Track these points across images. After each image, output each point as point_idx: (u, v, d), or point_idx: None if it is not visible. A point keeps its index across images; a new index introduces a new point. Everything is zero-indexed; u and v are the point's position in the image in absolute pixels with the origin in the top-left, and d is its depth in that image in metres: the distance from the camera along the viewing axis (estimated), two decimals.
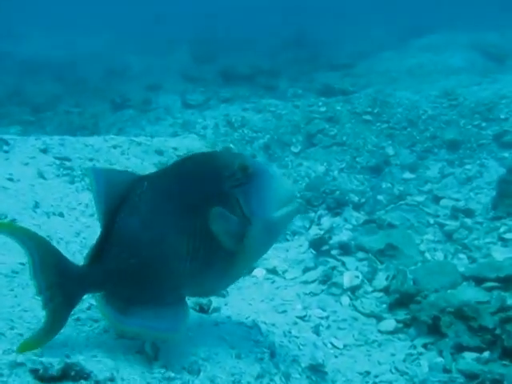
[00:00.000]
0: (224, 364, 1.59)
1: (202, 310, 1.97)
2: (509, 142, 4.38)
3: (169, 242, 1.55)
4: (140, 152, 3.78)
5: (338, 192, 3.85)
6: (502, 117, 4.67)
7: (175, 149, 4.11)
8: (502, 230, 3.16)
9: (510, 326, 2.16)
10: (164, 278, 1.57)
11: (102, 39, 11.65)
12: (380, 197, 3.84)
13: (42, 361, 1.33)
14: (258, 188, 1.60)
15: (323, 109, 5.05)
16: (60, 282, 1.50)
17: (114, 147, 3.52)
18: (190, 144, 3.84)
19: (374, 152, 4.59)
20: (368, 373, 2.16)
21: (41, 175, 2.65)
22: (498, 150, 4.36)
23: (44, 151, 2.90)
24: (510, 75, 5.72)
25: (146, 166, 3.88)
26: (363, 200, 3.77)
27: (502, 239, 3.07)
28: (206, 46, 9.70)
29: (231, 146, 4.45)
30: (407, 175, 4.32)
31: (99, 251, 1.55)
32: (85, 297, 1.69)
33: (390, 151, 4.59)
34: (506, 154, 4.27)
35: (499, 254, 2.92)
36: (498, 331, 2.21)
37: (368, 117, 4.93)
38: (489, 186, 3.87)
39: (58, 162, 2.84)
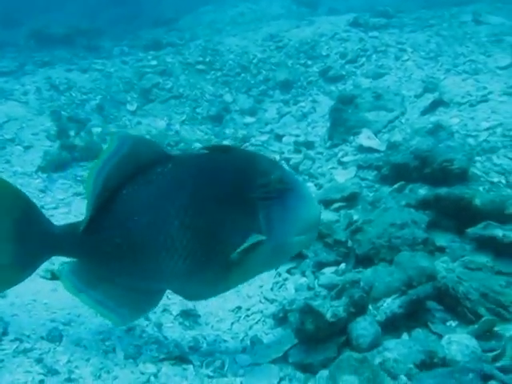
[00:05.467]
0: (89, 324, 1.47)
1: (55, 277, 1.78)
2: (333, 77, 4.64)
3: (167, 233, 1.39)
4: None
5: (182, 144, 3.77)
6: (324, 53, 4.93)
7: None
8: (339, 155, 3.38)
9: (359, 235, 2.32)
10: (148, 268, 1.42)
11: None
12: (225, 142, 3.85)
13: None
14: (285, 208, 1.45)
15: (154, 62, 4.85)
16: (16, 236, 1.35)
17: None
18: (10, 111, 3.43)
19: (213, 101, 4.56)
20: (239, 308, 2.18)
21: None
22: (325, 85, 4.60)
23: None
24: (323, 17, 6.05)
25: None
26: None
27: (341, 163, 3.29)
28: (6, 9, 8.66)
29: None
30: (248, 119, 4.39)
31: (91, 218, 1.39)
32: None
33: (228, 98, 4.60)
34: (333, 88, 4.53)
35: (341, 176, 3.12)
36: (349, 244, 2.38)
37: (201, 66, 4.86)
38: (323, 119, 4.09)
39: None
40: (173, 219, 1.40)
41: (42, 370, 1.29)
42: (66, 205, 2.97)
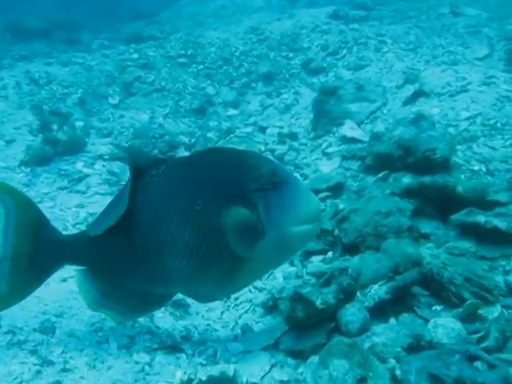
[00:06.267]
0: (81, 316, 1.48)
1: None
2: (315, 69, 4.67)
3: (167, 231, 1.41)
4: None
5: (167, 136, 3.76)
6: (305, 46, 4.96)
7: None
8: (323, 146, 3.41)
9: (345, 224, 2.35)
10: (155, 269, 1.43)
11: None
12: (210, 134, 3.85)
13: None
14: (282, 198, 1.46)
15: (135, 56, 4.82)
16: (33, 248, 1.38)
17: None
18: None
19: (196, 94, 4.55)
20: (228, 297, 2.19)
21: None
22: (307, 77, 4.63)
23: None
24: (303, 9, 6.07)
25: None
26: (194, 140, 3.75)
27: (325, 154, 3.32)
28: None
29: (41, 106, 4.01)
30: (231, 112, 4.39)
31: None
32: None
33: (211, 91, 4.59)
34: (315, 80, 4.56)
35: (325, 167, 3.15)
36: (336, 232, 2.41)
37: (183, 59, 4.85)
38: (306, 111, 4.12)
39: None
40: (171, 217, 1.42)
41: (38, 360, 1.30)
42: (50, 199, 2.95)
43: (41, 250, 1.40)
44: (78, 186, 3.10)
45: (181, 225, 1.42)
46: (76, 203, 2.90)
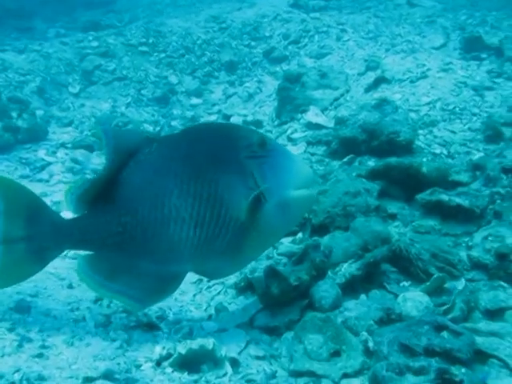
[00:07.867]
0: (57, 296, 1.46)
1: None
2: (277, 57, 4.71)
3: (170, 203, 1.42)
4: None
5: (131, 125, 3.72)
6: (267, 34, 4.98)
7: None
8: (289, 132, 3.45)
9: (315, 206, 2.39)
10: (163, 244, 1.44)
11: None
12: (174, 122, 3.82)
13: None
14: (276, 164, 1.49)
15: (95, 43, 4.71)
16: (26, 234, 1.36)
17: None
18: None
19: (158, 82, 4.50)
20: (200, 280, 2.19)
21: None
22: (269, 66, 4.66)
23: None
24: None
25: None
26: (158, 128, 3.72)
27: (290, 139, 3.36)
28: None
29: None
30: (194, 101, 4.37)
31: (91, 205, 1.42)
32: None
33: (174, 80, 4.55)
34: (278, 68, 4.59)
35: (292, 151, 3.18)
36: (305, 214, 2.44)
37: (144, 48, 4.78)
38: (269, 99, 4.15)
39: None
40: (172, 189, 1.43)
41: (16, 337, 1.28)
42: None
43: (37, 235, 1.38)
44: (41, 175, 3.03)
45: (182, 196, 1.43)
46: (39, 192, 2.83)
